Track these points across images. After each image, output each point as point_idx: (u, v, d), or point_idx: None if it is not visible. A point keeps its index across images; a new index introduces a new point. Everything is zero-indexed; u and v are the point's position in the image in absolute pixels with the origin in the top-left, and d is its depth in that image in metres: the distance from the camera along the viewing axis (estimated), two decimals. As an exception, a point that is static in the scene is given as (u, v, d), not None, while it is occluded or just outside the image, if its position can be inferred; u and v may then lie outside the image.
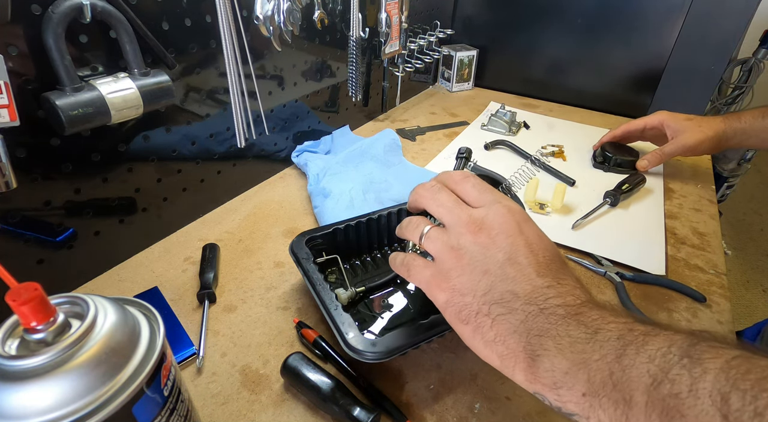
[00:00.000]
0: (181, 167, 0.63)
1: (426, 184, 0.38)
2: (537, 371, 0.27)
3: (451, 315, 0.32)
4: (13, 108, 0.40)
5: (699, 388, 0.21)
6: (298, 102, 0.81)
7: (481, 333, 0.30)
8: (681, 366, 0.23)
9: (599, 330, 0.27)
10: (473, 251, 0.32)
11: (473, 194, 0.36)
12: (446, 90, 1.27)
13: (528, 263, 0.31)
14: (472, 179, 0.37)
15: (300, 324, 0.50)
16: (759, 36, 1.75)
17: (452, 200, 0.35)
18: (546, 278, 0.31)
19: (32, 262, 0.50)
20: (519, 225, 0.33)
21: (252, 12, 0.63)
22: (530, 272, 0.31)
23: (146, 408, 0.26)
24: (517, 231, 0.33)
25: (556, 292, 0.30)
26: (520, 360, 0.28)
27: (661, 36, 1.03)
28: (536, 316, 0.29)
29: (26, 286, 0.23)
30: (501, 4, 1.19)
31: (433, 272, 0.34)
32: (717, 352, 0.22)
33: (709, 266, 0.63)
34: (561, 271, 0.32)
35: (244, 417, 0.42)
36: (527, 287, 0.30)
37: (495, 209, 0.34)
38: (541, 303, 0.29)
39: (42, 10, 0.42)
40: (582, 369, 0.26)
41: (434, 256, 0.34)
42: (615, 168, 0.86)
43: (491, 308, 0.30)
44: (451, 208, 0.35)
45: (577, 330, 0.27)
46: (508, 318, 0.29)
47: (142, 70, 0.50)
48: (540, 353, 0.28)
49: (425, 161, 0.88)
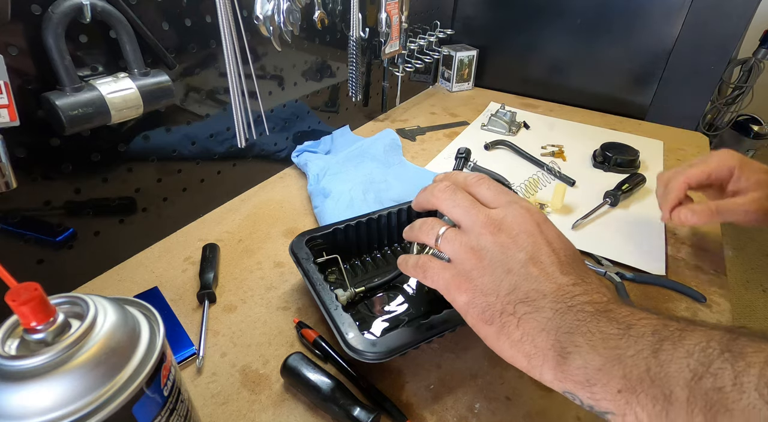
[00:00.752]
0: (181, 167, 0.63)
1: (439, 184, 0.37)
2: (568, 368, 0.27)
3: (474, 316, 0.32)
4: (13, 108, 0.40)
5: (744, 382, 0.21)
6: (298, 102, 0.81)
7: (507, 333, 0.30)
8: (723, 360, 0.22)
9: (632, 325, 0.26)
10: (494, 251, 0.32)
11: (489, 195, 0.36)
12: (446, 90, 1.27)
13: (551, 262, 0.31)
14: (487, 181, 0.37)
15: (300, 324, 0.50)
16: (759, 36, 1.75)
17: (469, 201, 0.35)
18: (570, 276, 0.30)
19: (32, 262, 0.50)
20: (538, 225, 0.33)
21: (252, 12, 0.63)
22: (554, 270, 0.31)
23: (146, 408, 0.26)
24: (537, 231, 0.33)
25: (582, 289, 0.30)
26: (549, 359, 0.28)
27: (661, 36, 1.03)
28: (564, 313, 0.28)
29: (26, 286, 0.23)
30: (501, 4, 1.20)
31: (453, 274, 0.33)
32: (759, 346, 0.22)
33: (709, 266, 0.63)
34: (583, 269, 0.32)
35: (244, 417, 0.42)
36: (552, 286, 0.30)
37: (513, 209, 0.34)
38: (569, 301, 0.29)
39: (42, 10, 0.42)
40: (616, 364, 0.25)
41: (452, 257, 0.34)
42: (615, 168, 0.86)
43: (516, 307, 0.30)
44: (468, 209, 0.34)
45: (608, 326, 0.27)
46: (535, 316, 0.29)
47: (142, 70, 0.50)
48: (571, 350, 0.27)
49: (425, 161, 0.88)
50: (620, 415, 0.25)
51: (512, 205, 0.34)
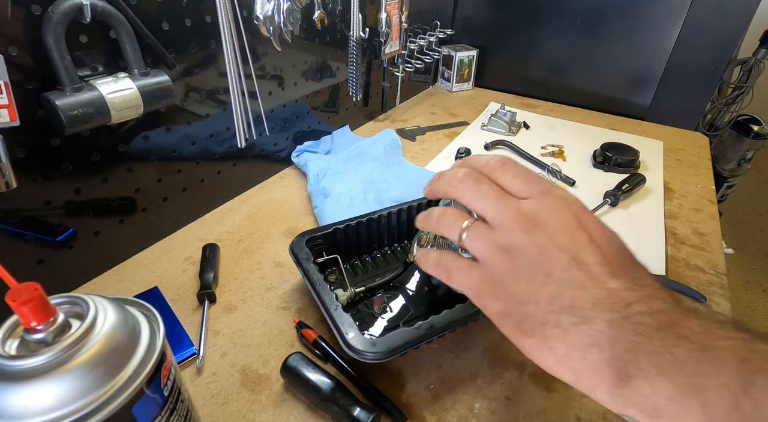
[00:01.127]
0: (181, 167, 0.63)
1: (459, 172, 0.32)
2: (630, 394, 0.23)
3: (509, 327, 0.28)
4: (13, 108, 0.40)
5: None
6: (298, 102, 0.81)
7: (550, 347, 0.26)
8: None
9: (708, 347, 0.22)
10: (529, 252, 0.27)
11: (517, 183, 0.30)
12: (446, 90, 1.27)
13: (596, 263, 0.26)
14: (513, 165, 0.31)
15: (300, 324, 0.50)
16: (759, 36, 1.75)
17: (495, 192, 0.30)
18: (622, 278, 0.26)
19: (32, 262, 0.50)
20: (578, 218, 0.28)
21: (252, 12, 0.63)
22: (601, 272, 0.26)
23: (146, 408, 0.26)
24: (577, 226, 0.28)
25: (638, 296, 0.25)
26: (605, 378, 0.24)
27: (661, 36, 1.03)
28: (619, 326, 0.24)
29: (26, 286, 0.23)
30: (501, 4, 1.20)
31: (483, 277, 0.29)
32: None
33: (709, 266, 0.63)
34: (635, 268, 0.28)
35: (244, 417, 0.42)
36: (601, 293, 0.25)
37: (548, 201, 0.29)
38: (623, 310, 0.25)
39: (42, 10, 0.42)
40: (695, 397, 0.21)
41: (479, 257, 0.29)
42: (615, 168, 0.86)
43: (560, 318, 0.26)
44: (494, 201, 0.29)
45: (678, 346, 0.23)
46: (583, 329, 0.25)
47: (142, 70, 0.50)
48: (633, 373, 0.23)
49: (425, 161, 0.88)
50: None
51: (546, 195, 0.29)
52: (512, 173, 0.31)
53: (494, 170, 0.31)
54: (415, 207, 0.60)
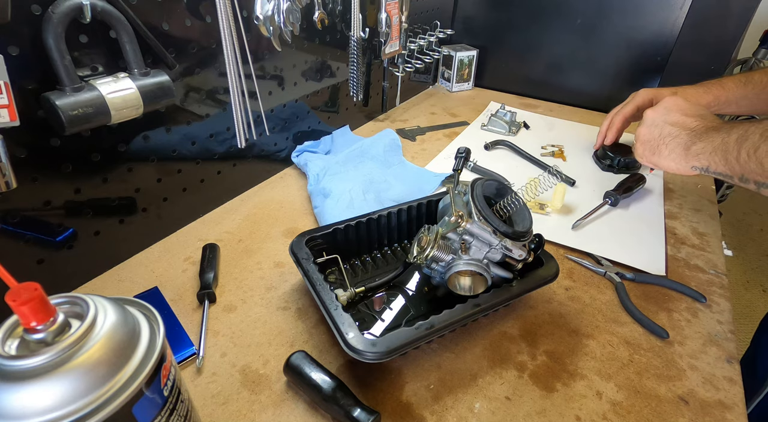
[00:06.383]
0: (181, 167, 0.63)
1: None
2: (689, 154, 0.55)
3: (648, 154, 0.63)
4: (13, 108, 0.40)
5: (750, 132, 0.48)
6: (298, 102, 0.81)
7: (661, 154, 0.60)
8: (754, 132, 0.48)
9: (731, 131, 0.51)
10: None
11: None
12: (446, 90, 1.27)
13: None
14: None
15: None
16: (759, 36, 1.75)
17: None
18: (692, 118, 0.58)
19: (32, 262, 0.50)
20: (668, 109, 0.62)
21: (252, 12, 0.63)
22: (682, 118, 0.59)
23: (146, 408, 0.26)
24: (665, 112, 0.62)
25: (700, 121, 0.57)
26: (681, 153, 0.56)
27: (660, 36, 1.03)
28: (688, 134, 0.56)
29: (26, 286, 0.23)
30: (501, 4, 1.19)
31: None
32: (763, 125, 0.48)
33: (709, 266, 0.63)
34: (699, 113, 0.59)
35: (244, 417, 0.42)
36: (682, 125, 0.58)
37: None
38: (692, 129, 0.57)
39: (42, 10, 0.42)
40: (720, 151, 0.51)
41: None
42: (615, 168, 0.86)
43: (665, 140, 0.59)
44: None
45: (716, 134, 0.52)
46: (675, 140, 0.58)
47: (142, 70, 0.50)
48: (692, 146, 0.55)
49: (425, 161, 0.88)
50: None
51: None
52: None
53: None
54: (415, 207, 0.60)
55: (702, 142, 0.54)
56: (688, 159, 0.55)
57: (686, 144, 0.56)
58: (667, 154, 0.58)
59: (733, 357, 0.49)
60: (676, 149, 0.57)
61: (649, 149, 0.62)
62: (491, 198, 0.52)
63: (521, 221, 0.50)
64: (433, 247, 0.46)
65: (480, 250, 0.47)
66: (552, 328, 0.52)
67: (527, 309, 0.55)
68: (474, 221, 0.46)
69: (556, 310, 0.55)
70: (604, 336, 0.52)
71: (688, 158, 0.55)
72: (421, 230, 0.50)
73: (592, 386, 0.46)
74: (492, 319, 0.53)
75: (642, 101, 0.83)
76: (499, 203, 0.50)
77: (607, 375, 0.47)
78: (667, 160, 0.59)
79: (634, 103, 0.84)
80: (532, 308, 0.55)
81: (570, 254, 0.64)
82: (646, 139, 0.62)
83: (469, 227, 0.46)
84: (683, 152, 0.56)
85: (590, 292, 0.58)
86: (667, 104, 0.62)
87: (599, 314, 0.54)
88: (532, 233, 0.50)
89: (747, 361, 0.78)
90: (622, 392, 0.45)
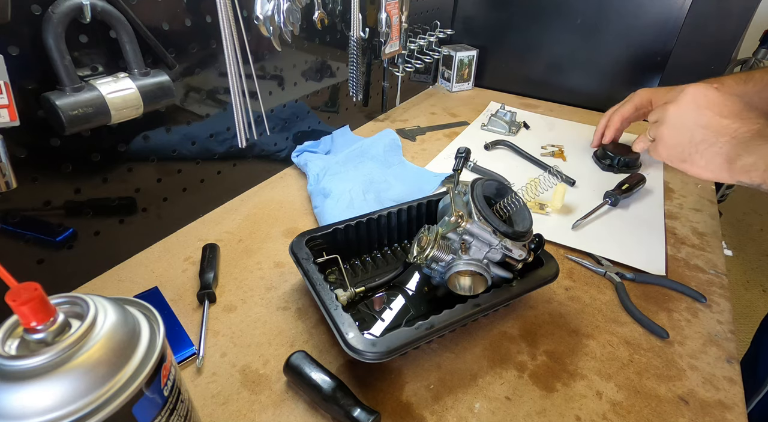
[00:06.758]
0: (181, 167, 0.63)
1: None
2: (734, 167, 0.48)
3: (675, 162, 0.55)
4: (13, 108, 0.40)
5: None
6: (298, 102, 0.80)
7: (695, 163, 0.53)
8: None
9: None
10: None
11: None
12: (446, 90, 1.27)
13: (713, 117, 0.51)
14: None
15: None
16: (759, 36, 1.75)
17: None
18: (730, 119, 0.49)
19: (32, 262, 0.50)
20: (699, 107, 0.53)
21: (252, 12, 0.63)
22: (718, 120, 0.50)
23: (146, 408, 0.26)
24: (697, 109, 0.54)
25: (741, 124, 0.48)
26: (723, 165, 0.49)
27: (660, 36, 1.03)
28: (729, 142, 0.49)
29: (26, 286, 0.23)
30: (501, 4, 1.19)
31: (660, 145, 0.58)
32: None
33: (709, 266, 0.63)
34: (739, 112, 0.49)
35: (244, 417, 0.42)
36: (719, 129, 0.50)
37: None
38: (732, 134, 0.49)
39: (42, 10, 0.42)
40: (763, 163, 0.45)
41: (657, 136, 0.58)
42: (615, 168, 0.86)
43: (698, 147, 0.52)
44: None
45: (762, 142, 0.45)
46: (711, 149, 0.50)
47: (142, 70, 0.50)
48: (736, 158, 0.48)
49: (425, 161, 0.88)
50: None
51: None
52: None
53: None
54: (415, 207, 0.60)
55: (751, 155, 0.45)
56: (733, 174, 0.48)
57: (729, 156, 0.48)
58: (703, 164, 0.50)
59: (733, 357, 0.49)
60: (714, 159, 0.49)
61: (677, 155, 0.54)
62: (491, 198, 0.52)
63: (521, 221, 0.50)
64: (433, 247, 0.46)
65: (480, 250, 0.47)
66: (552, 328, 0.52)
67: (527, 309, 0.55)
68: (474, 221, 0.46)
69: (556, 310, 0.55)
70: (604, 336, 0.52)
71: (733, 172, 0.48)
72: (421, 230, 0.50)
73: (592, 386, 0.46)
74: (492, 319, 0.53)
75: (641, 101, 0.82)
76: (499, 203, 0.50)
77: (607, 375, 0.47)
78: (704, 170, 0.51)
79: (632, 103, 0.82)
80: (532, 308, 0.55)
81: (570, 254, 0.64)
82: (672, 143, 0.54)
83: (469, 227, 0.46)
84: (726, 165, 0.48)
85: (590, 292, 0.58)
86: (697, 99, 0.52)
87: (599, 314, 0.55)
88: (532, 233, 0.50)
89: (747, 361, 0.78)
90: (622, 392, 0.45)
